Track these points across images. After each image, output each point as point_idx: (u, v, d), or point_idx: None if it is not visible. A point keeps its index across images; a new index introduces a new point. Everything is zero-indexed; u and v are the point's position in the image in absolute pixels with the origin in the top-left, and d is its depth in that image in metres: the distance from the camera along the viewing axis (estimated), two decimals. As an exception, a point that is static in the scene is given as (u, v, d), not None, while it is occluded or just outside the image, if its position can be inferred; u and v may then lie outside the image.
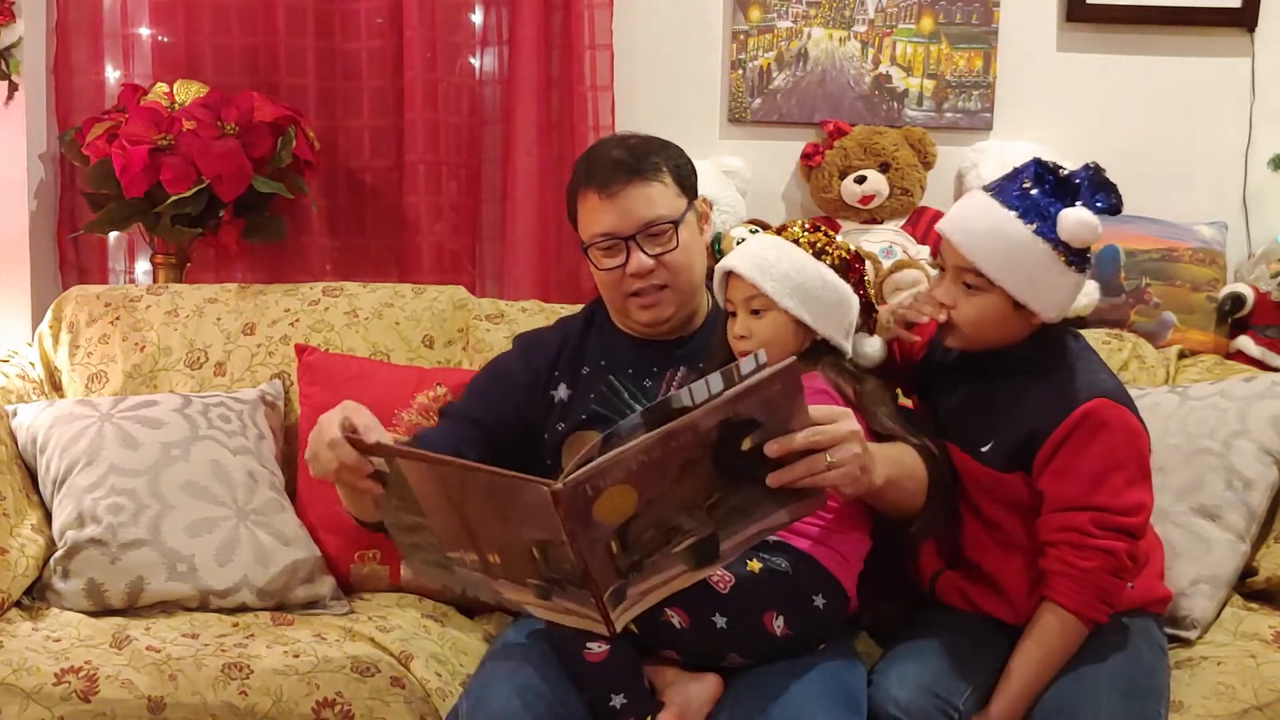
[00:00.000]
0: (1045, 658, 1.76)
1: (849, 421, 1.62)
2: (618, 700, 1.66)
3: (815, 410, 1.60)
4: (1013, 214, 1.75)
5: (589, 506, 1.46)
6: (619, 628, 1.55)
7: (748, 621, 1.72)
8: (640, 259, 1.96)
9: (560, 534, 1.46)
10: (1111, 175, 1.79)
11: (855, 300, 1.83)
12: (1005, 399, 1.83)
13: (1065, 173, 1.78)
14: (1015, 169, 1.81)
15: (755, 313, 1.82)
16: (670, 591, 1.57)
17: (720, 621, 1.71)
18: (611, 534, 1.50)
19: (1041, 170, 1.78)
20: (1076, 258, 1.76)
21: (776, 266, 1.79)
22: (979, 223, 1.78)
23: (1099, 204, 1.76)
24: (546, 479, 1.43)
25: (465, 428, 2.02)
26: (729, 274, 1.84)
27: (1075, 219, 1.74)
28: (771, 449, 1.56)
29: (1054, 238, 1.74)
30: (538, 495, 1.44)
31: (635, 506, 1.50)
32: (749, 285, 1.80)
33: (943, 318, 1.84)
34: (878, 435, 1.80)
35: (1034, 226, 1.75)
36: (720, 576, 1.71)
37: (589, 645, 1.67)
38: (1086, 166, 1.78)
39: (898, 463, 1.76)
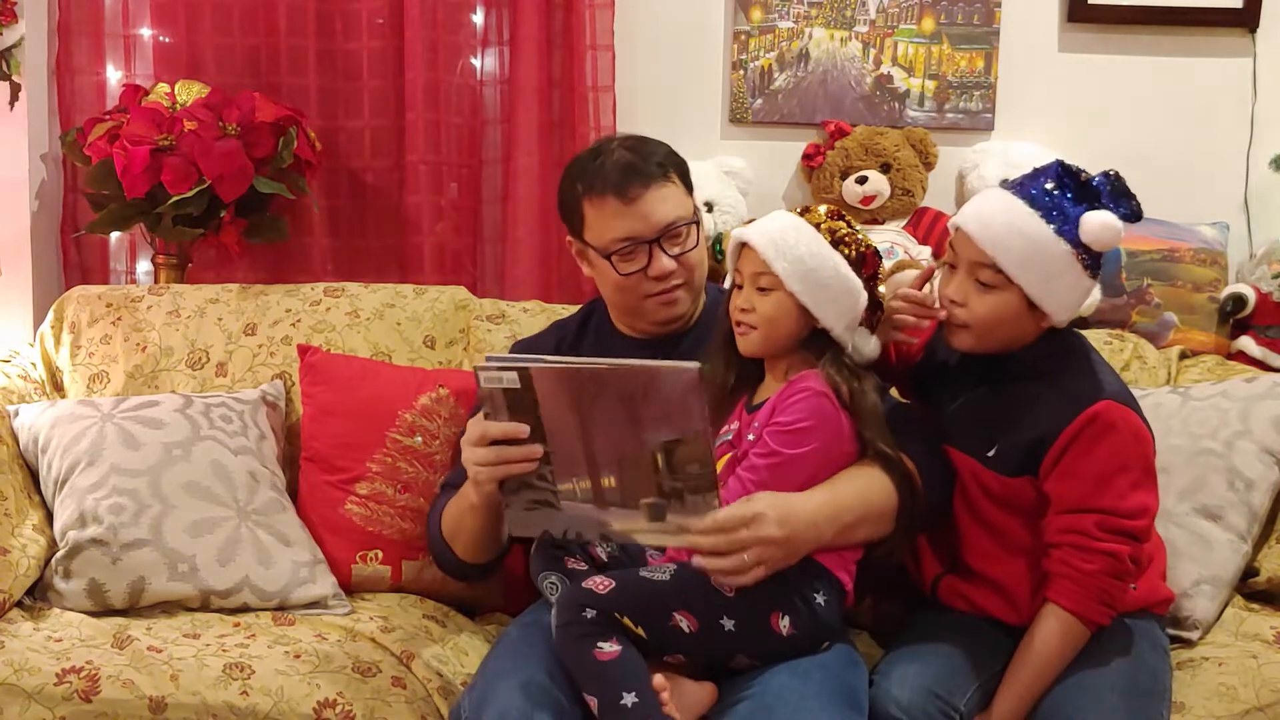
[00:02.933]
0: (1047, 659, 1.76)
1: (759, 528, 1.67)
2: (629, 699, 1.65)
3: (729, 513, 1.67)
4: (1035, 212, 1.75)
5: None
6: None
7: (755, 623, 1.73)
8: (664, 261, 1.97)
9: (697, 422, 1.62)
10: (1112, 176, 1.79)
11: (864, 295, 1.81)
12: (1010, 403, 1.82)
13: (1086, 177, 1.77)
14: (1036, 169, 1.80)
15: (762, 289, 1.81)
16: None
17: (729, 625, 1.71)
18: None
19: (1064, 172, 1.78)
20: (1092, 261, 1.76)
21: (793, 249, 1.78)
22: (1000, 217, 1.77)
23: (1120, 211, 1.75)
24: (684, 363, 1.61)
25: None
26: (744, 245, 1.83)
27: (1099, 222, 1.73)
28: (684, 538, 1.69)
29: (1074, 239, 1.74)
30: (684, 377, 1.60)
31: None
32: (761, 261, 1.80)
33: (943, 315, 1.84)
34: (862, 441, 1.80)
35: (1055, 226, 1.74)
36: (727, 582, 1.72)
37: (600, 645, 1.67)
38: (1106, 174, 1.77)
39: (849, 509, 1.77)
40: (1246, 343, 2.69)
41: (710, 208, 2.80)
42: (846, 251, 1.80)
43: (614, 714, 1.66)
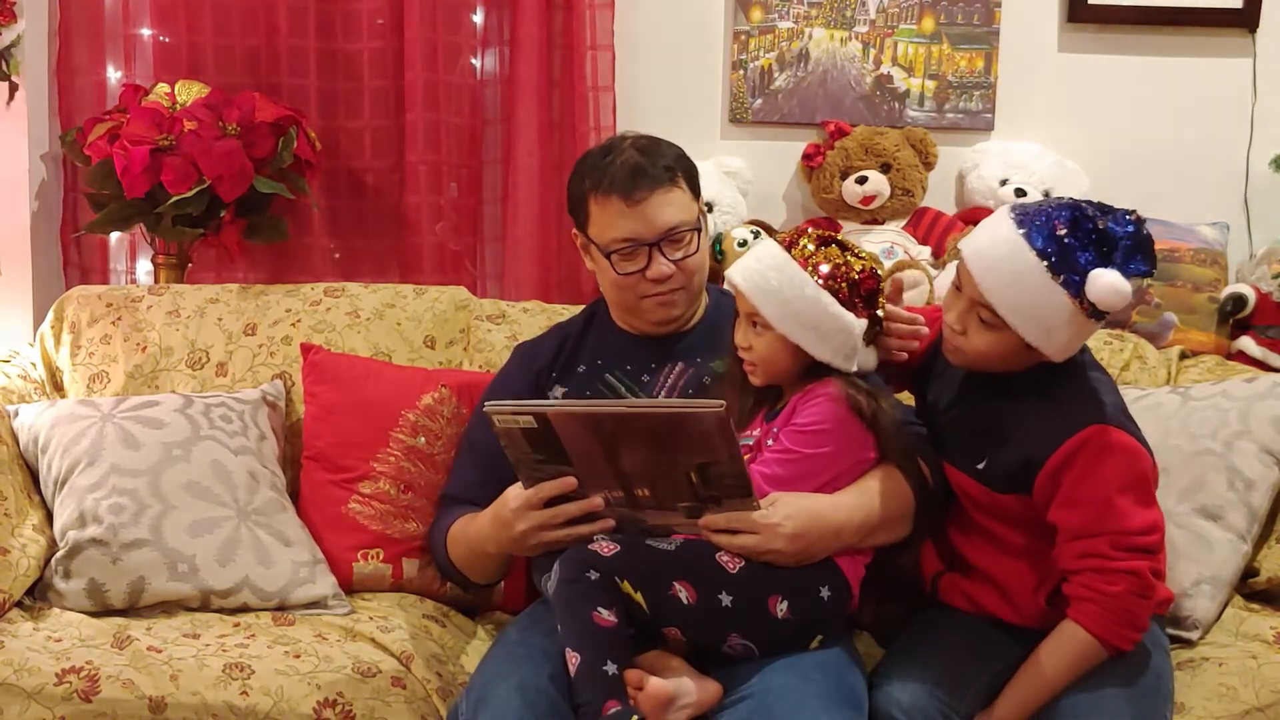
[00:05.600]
0: (1057, 677, 1.75)
1: (770, 539, 1.73)
2: (612, 668, 1.67)
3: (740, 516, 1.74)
4: (1042, 263, 1.67)
5: None
6: None
7: (752, 602, 1.74)
8: (662, 265, 1.98)
9: (727, 452, 1.66)
10: (1113, 175, 1.77)
11: (858, 326, 1.79)
12: (1003, 420, 1.81)
13: (1103, 224, 1.68)
14: (1050, 207, 1.71)
15: (757, 327, 1.83)
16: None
17: (726, 600, 1.73)
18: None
19: (1078, 216, 1.69)
20: (1098, 311, 1.69)
21: (779, 293, 1.78)
22: (1005, 264, 1.70)
23: (1135, 269, 1.68)
24: (708, 401, 1.65)
25: (479, 470, 2.08)
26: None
27: (1108, 285, 1.65)
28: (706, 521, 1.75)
29: (1080, 293, 1.67)
30: (710, 419, 1.62)
31: None
32: (750, 303, 1.81)
33: (925, 333, 1.86)
34: (883, 452, 1.82)
35: (1061, 278, 1.67)
36: (731, 558, 1.74)
37: (600, 609, 1.69)
38: (1127, 220, 1.69)
39: (875, 516, 1.81)
40: (1246, 343, 2.69)
41: (710, 208, 2.81)
42: (835, 285, 1.78)
43: (593, 677, 1.67)
